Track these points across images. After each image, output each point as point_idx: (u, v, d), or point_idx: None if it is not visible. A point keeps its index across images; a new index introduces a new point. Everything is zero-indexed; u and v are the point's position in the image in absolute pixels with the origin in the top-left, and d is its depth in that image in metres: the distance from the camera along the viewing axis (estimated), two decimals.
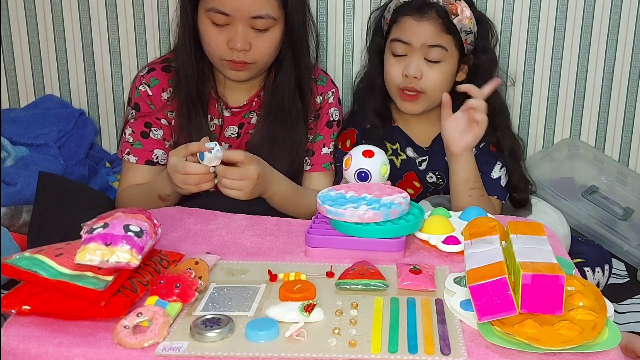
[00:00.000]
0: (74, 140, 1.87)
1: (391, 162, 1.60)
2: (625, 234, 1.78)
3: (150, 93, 1.52)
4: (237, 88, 1.55)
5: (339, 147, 1.61)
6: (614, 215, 1.82)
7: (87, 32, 1.96)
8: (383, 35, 1.61)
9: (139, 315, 0.90)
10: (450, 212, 1.29)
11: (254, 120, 1.56)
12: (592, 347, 0.86)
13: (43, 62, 2.00)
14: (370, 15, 1.78)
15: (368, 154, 1.27)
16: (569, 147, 1.95)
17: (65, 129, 1.86)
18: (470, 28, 1.54)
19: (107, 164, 1.95)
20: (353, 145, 1.59)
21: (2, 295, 1.01)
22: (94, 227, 0.97)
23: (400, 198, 1.20)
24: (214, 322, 0.90)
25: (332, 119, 1.60)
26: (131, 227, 0.97)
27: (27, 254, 0.96)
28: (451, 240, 1.15)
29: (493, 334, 0.89)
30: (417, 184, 1.64)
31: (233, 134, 1.57)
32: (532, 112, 1.96)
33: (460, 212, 1.28)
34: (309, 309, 0.93)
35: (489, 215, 1.24)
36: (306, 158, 1.58)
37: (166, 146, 1.53)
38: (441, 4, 1.52)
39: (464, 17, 1.52)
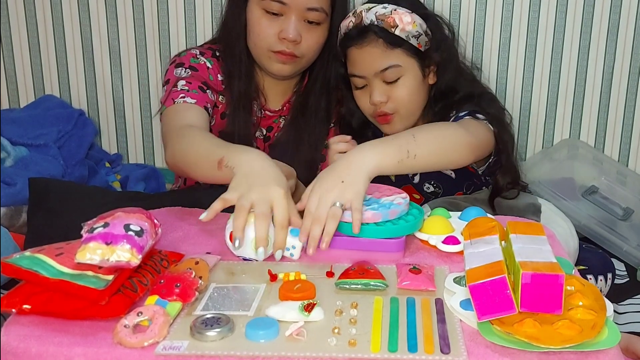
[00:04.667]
0: (74, 141, 1.87)
1: (387, 176, 1.61)
2: (625, 234, 1.78)
3: (210, 66, 1.51)
4: (274, 92, 1.57)
5: None
6: (614, 215, 1.82)
7: (87, 33, 1.96)
8: (342, 64, 1.57)
9: (139, 314, 0.90)
10: (450, 212, 1.29)
11: (282, 125, 1.58)
12: (592, 346, 0.86)
13: (43, 62, 2.00)
14: None
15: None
16: (569, 147, 1.95)
17: (65, 129, 1.87)
18: (417, 31, 1.48)
19: (107, 164, 1.96)
20: None
21: (2, 294, 1.01)
22: (95, 226, 0.97)
23: (399, 199, 1.20)
24: (214, 322, 0.90)
25: None
26: (131, 227, 0.97)
27: (27, 253, 0.97)
28: (451, 240, 1.15)
29: (493, 333, 0.89)
30: (417, 196, 1.63)
31: (260, 136, 1.59)
32: (532, 112, 1.96)
33: (460, 212, 1.28)
34: (309, 308, 0.93)
35: (489, 216, 1.24)
36: None
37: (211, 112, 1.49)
38: (376, 23, 1.47)
39: (405, 25, 1.46)
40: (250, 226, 1.08)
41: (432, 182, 1.61)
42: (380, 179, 1.58)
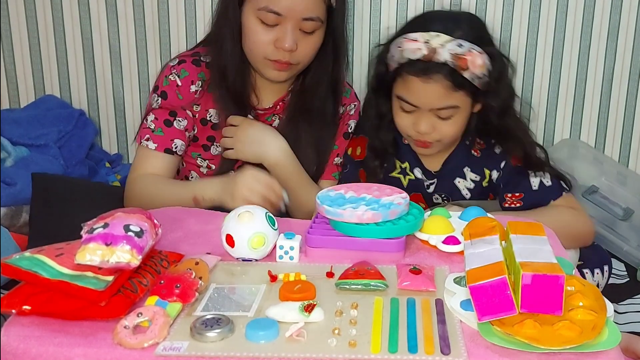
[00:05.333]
0: (74, 141, 1.87)
1: (398, 180, 1.59)
2: (625, 234, 1.78)
3: (180, 83, 1.51)
4: (266, 91, 1.56)
5: (349, 153, 1.61)
6: (614, 215, 1.82)
7: (87, 32, 1.97)
8: (387, 72, 1.49)
9: (139, 315, 0.90)
10: (450, 212, 1.28)
11: (275, 124, 1.57)
12: (592, 347, 0.86)
13: (43, 62, 2.00)
14: (370, 51, 1.75)
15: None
16: (569, 147, 1.95)
17: (65, 130, 1.87)
18: (482, 73, 1.41)
19: (107, 164, 1.96)
20: (364, 154, 1.59)
21: (2, 295, 1.01)
22: (94, 227, 0.97)
23: (399, 198, 1.20)
24: (214, 322, 0.90)
25: (349, 131, 1.62)
26: (131, 227, 0.97)
27: (27, 254, 0.96)
28: (451, 240, 1.15)
29: (493, 334, 0.89)
30: (423, 205, 1.61)
31: None
32: (532, 112, 1.96)
33: (460, 212, 1.28)
34: (309, 309, 0.93)
35: (489, 215, 1.23)
36: None
37: (187, 136, 1.53)
38: (449, 62, 1.38)
39: (475, 67, 1.39)
40: (245, 225, 1.09)
41: (443, 195, 1.59)
42: (387, 182, 1.57)
